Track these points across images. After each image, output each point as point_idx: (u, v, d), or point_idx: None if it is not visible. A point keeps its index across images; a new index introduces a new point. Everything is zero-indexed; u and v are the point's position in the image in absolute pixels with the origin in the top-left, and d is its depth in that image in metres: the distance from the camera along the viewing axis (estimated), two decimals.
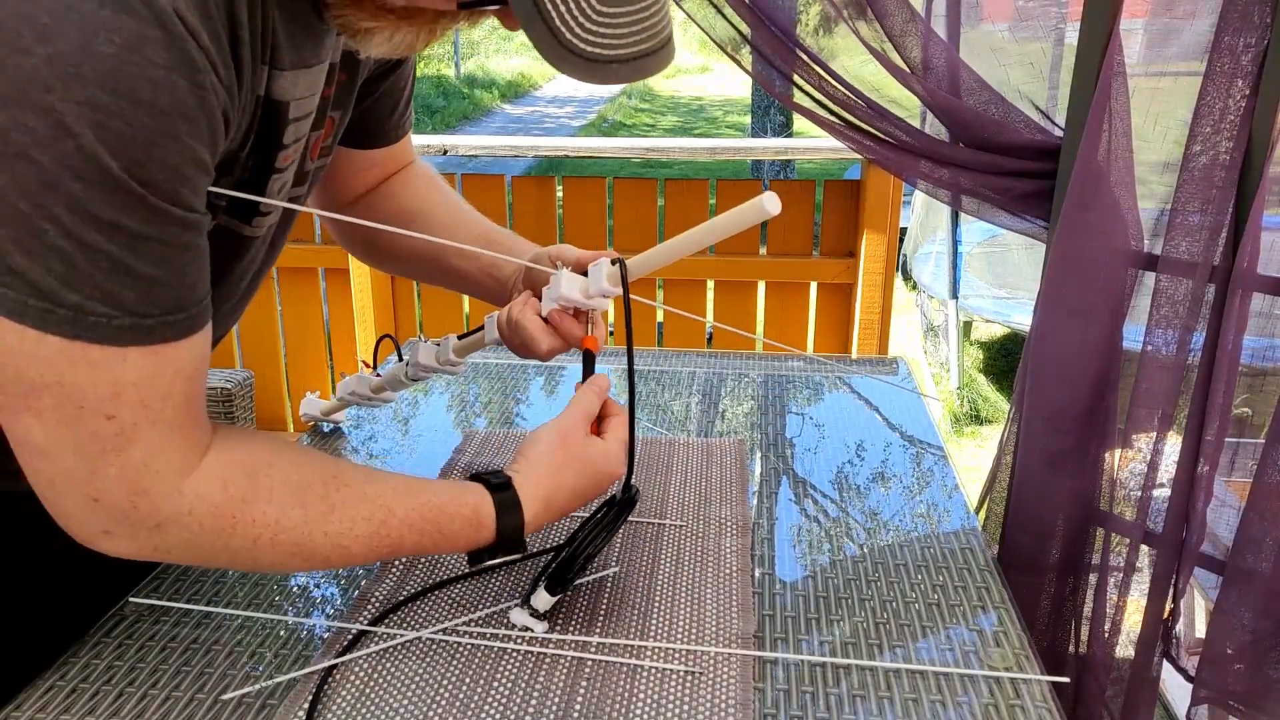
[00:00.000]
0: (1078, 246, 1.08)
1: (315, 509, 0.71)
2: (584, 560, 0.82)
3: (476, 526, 0.78)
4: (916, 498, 1.10)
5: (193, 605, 0.88)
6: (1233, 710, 1.09)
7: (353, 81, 0.86)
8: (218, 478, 0.67)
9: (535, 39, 0.60)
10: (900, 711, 0.75)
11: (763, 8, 1.21)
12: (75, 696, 0.77)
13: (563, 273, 0.86)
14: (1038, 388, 1.15)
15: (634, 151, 2.71)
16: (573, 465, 0.82)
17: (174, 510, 0.66)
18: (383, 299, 2.68)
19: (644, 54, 0.63)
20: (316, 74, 0.75)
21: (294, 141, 0.76)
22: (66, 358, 0.59)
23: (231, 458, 0.69)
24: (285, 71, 0.70)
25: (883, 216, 2.40)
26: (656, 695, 0.76)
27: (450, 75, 17.58)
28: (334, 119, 0.85)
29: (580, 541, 0.82)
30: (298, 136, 0.76)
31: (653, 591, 0.89)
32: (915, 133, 1.20)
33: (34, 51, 0.53)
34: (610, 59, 0.62)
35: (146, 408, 0.62)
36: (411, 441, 1.23)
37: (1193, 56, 0.99)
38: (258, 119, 0.70)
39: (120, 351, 0.60)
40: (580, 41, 0.61)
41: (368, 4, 0.67)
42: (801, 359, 1.59)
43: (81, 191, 0.55)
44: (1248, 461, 1.04)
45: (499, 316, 0.93)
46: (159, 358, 0.62)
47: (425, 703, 0.75)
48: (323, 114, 0.81)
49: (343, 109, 0.87)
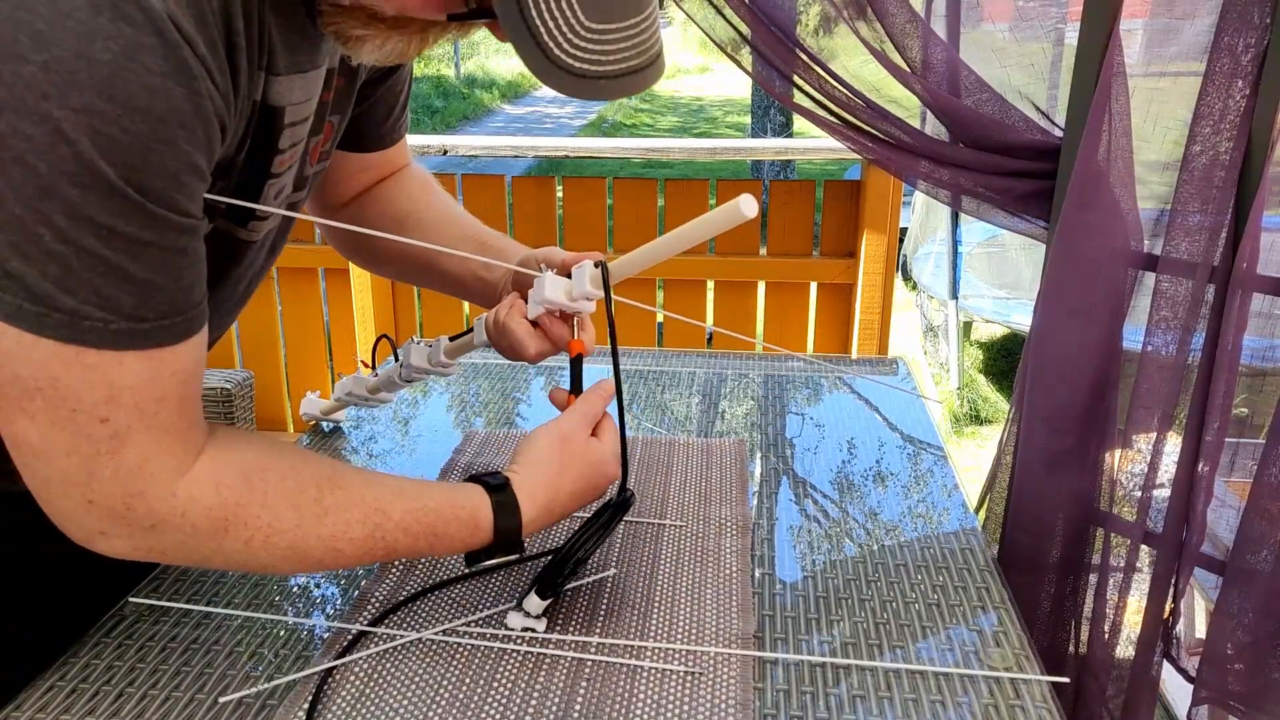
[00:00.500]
0: (1078, 246, 1.08)
1: (309, 512, 0.71)
2: (574, 564, 0.82)
3: (473, 529, 0.78)
4: (916, 498, 1.10)
5: (193, 605, 0.88)
6: (1233, 710, 1.09)
7: (351, 86, 0.87)
8: (211, 480, 0.67)
9: (523, 54, 0.61)
10: (900, 711, 0.75)
11: (763, 8, 1.21)
12: (75, 696, 0.77)
13: (546, 275, 0.85)
14: (1038, 388, 1.15)
15: (634, 151, 2.71)
16: (573, 468, 0.82)
17: (168, 512, 0.66)
18: (383, 299, 2.68)
19: (632, 70, 0.64)
20: (313, 79, 0.75)
21: (290, 146, 0.76)
22: (61, 361, 0.59)
23: (227, 460, 0.69)
24: (280, 76, 0.70)
25: (883, 216, 2.40)
26: (656, 695, 0.76)
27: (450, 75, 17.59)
28: (333, 123, 0.86)
29: (571, 545, 0.82)
30: (294, 141, 0.76)
31: (653, 592, 0.89)
32: (915, 133, 1.20)
33: (31, 58, 0.53)
34: (598, 75, 0.63)
35: (141, 411, 0.63)
36: (411, 441, 1.23)
37: (1193, 56, 0.99)
38: (254, 124, 0.70)
39: (116, 355, 0.60)
40: (568, 57, 0.61)
41: (359, 11, 0.68)
42: (801, 357, 1.59)
43: (78, 197, 0.55)
44: (1248, 461, 1.04)
45: (487, 319, 0.93)
46: (155, 362, 0.62)
47: (425, 703, 0.75)
48: (321, 119, 0.81)
49: (341, 113, 0.87)
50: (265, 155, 0.73)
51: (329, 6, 0.68)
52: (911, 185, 1.27)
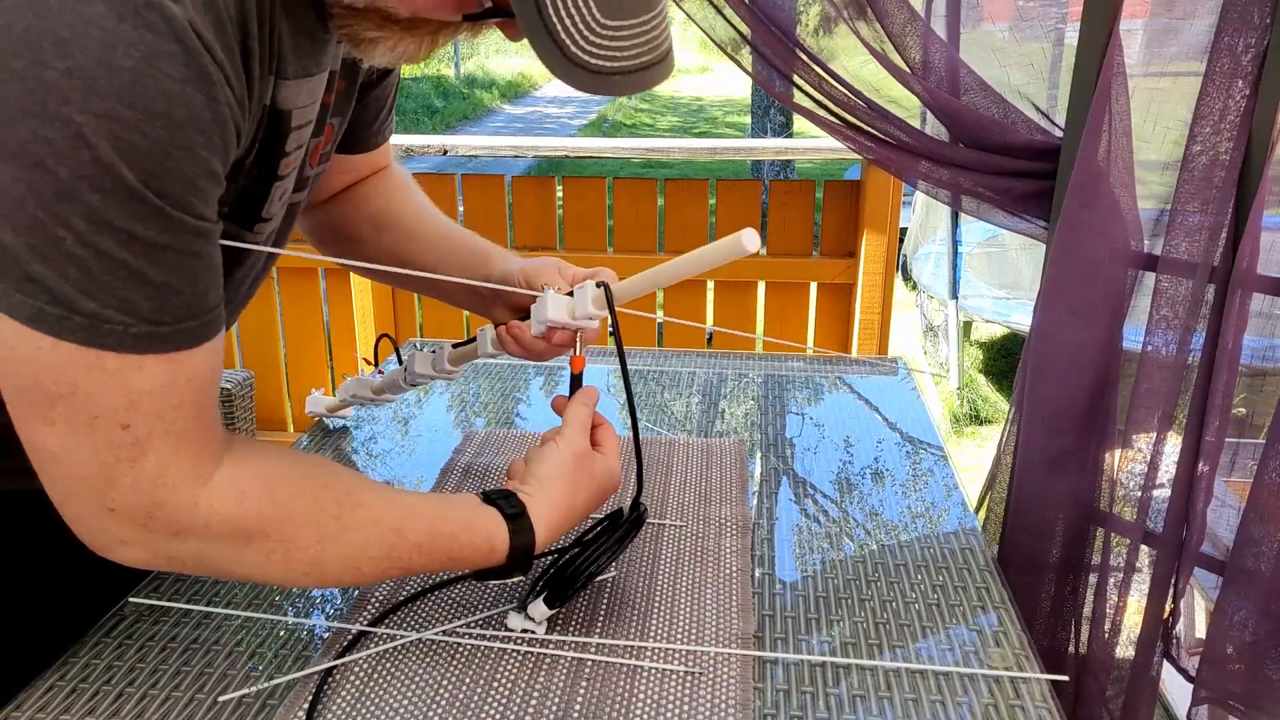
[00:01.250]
0: (1078, 246, 1.08)
1: (330, 529, 0.71)
2: (586, 579, 0.82)
3: (488, 552, 0.78)
4: (916, 498, 1.10)
5: (193, 605, 0.88)
6: (1233, 710, 1.09)
7: (352, 88, 0.87)
8: (234, 490, 0.67)
9: (540, 51, 0.61)
10: (900, 711, 0.75)
11: (763, 8, 1.21)
12: (75, 696, 0.77)
13: (548, 295, 0.86)
14: (1038, 388, 1.15)
15: (634, 151, 2.71)
16: (585, 487, 0.83)
17: (190, 521, 0.66)
18: (383, 299, 2.68)
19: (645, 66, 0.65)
20: (317, 82, 0.75)
21: (296, 149, 0.76)
22: (82, 365, 0.59)
23: (250, 471, 0.69)
24: (289, 81, 0.70)
25: (883, 216, 2.40)
26: (656, 695, 0.76)
27: (450, 75, 17.58)
28: (333, 125, 0.86)
29: (585, 558, 0.82)
30: (299, 144, 0.77)
31: (653, 592, 0.89)
32: (915, 133, 1.20)
33: (53, 65, 0.53)
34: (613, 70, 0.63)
35: (161, 417, 0.63)
36: (411, 441, 1.23)
37: (1192, 56, 1.00)
38: (263, 128, 0.70)
39: (137, 360, 0.60)
40: (583, 54, 0.62)
41: (373, 14, 0.68)
42: (801, 358, 1.59)
43: (99, 201, 0.56)
44: (1248, 461, 1.04)
45: (490, 335, 0.94)
46: (174, 365, 0.62)
47: (425, 703, 0.75)
48: (322, 121, 0.81)
49: (342, 115, 0.87)
50: (273, 158, 0.74)
51: (341, 9, 0.69)
52: (912, 185, 1.27)
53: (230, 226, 0.76)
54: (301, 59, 0.71)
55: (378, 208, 1.06)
